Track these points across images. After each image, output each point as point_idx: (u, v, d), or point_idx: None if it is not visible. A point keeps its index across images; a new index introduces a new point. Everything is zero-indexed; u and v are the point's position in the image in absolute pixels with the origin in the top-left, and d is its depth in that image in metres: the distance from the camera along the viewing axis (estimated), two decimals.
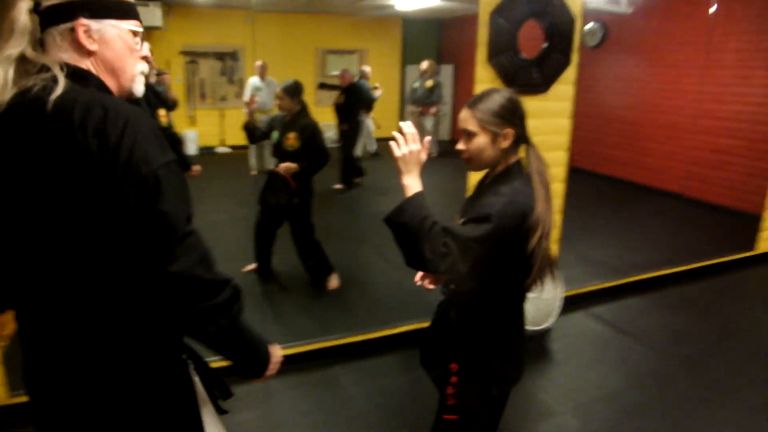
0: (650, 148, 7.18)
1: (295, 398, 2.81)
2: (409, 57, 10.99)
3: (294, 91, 3.71)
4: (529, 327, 3.25)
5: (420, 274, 1.77)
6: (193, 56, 9.66)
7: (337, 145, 7.01)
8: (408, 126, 1.48)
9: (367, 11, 9.83)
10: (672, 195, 6.82)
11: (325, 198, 6.67)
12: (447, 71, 11.06)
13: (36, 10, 1.09)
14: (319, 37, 10.23)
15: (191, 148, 9.39)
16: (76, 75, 1.09)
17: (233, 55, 9.99)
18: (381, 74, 9.77)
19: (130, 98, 1.21)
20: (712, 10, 4.77)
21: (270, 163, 7.04)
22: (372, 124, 8.18)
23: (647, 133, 7.21)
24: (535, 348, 3.35)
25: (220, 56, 9.90)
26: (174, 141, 3.76)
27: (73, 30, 1.09)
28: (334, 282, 4.04)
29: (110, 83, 1.16)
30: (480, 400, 1.66)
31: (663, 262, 4.45)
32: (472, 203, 1.64)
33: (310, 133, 3.70)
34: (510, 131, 1.55)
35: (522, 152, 1.65)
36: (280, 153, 3.76)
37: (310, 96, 10.51)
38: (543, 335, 3.44)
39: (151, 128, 1.07)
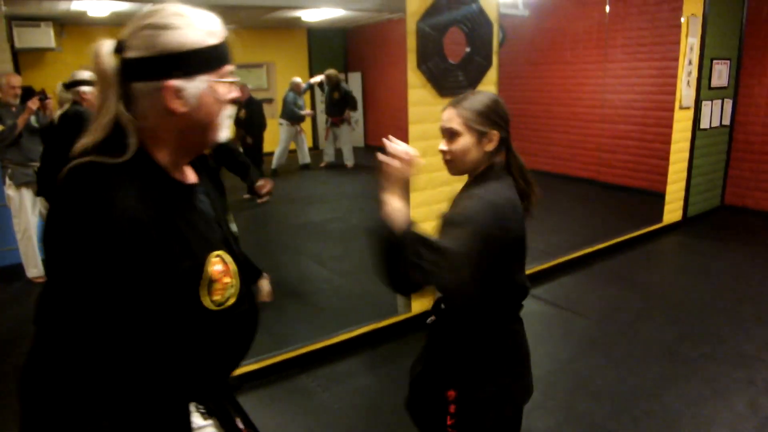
0: (557, 139, 7.72)
1: (272, 412, 2.83)
2: (317, 67, 11.06)
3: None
4: None
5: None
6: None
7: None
8: (394, 141, 1.37)
9: (273, 24, 9.81)
10: (581, 180, 7.37)
11: (254, 211, 6.63)
12: (355, 79, 11.25)
13: (118, 51, 0.96)
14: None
15: None
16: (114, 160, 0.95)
17: None
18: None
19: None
20: (608, 8, 5.26)
21: None
22: (304, 136, 8.26)
23: (553, 124, 7.75)
24: None
25: None
26: None
27: (160, 90, 0.95)
28: (265, 290, 3.98)
29: (196, 139, 1.04)
30: (495, 424, 1.55)
31: (583, 241, 4.83)
32: (453, 206, 1.54)
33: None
34: (495, 133, 1.48)
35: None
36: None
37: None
38: None
39: (95, 242, 0.90)
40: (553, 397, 2.85)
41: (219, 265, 1.05)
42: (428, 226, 3.74)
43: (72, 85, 3.37)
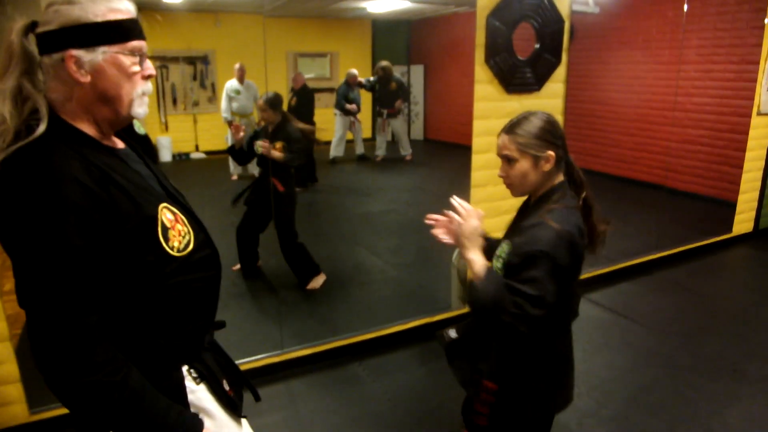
0: (623, 141, 7.47)
1: (319, 398, 2.88)
2: (380, 58, 11.08)
3: (275, 102, 3.85)
4: None
5: (437, 217, 1.75)
6: (163, 61, 9.54)
7: None
8: (460, 202, 1.55)
9: (338, 14, 9.90)
10: (646, 184, 7.11)
11: (310, 202, 6.73)
12: (418, 72, 11.21)
13: (33, 30, 1.04)
14: (289, 41, 10.24)
15: (165, 155, 9.29)
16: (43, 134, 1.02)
17: (204, 59, 9.90)
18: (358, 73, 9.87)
19: (129, 122, 1.19)
20: (686, 7, 5.03)
21: (253, 169, 7.05)
22: (360, 126, 8.30)
23: (620, 126, 7.50)
24: None
25: (190, 60, 9.80)
26: (152, 148, 3.70)
27: (63, 61, 1.02)
28: (317, 282, 4.07)
29: (105, 113, 1.10)
30: (527, 426, 1.64)
31: (646, 248, 4.67)
32: (516, 225, 1.62)
33: (295, 140, 3.84)
34: (551, 153, 1.51)
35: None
36: (267, 162, 3.84)
37: (284, 99, 10.50)
38: None
39: (46, 208, 0.96)
40: (607, 406, 2.78)
41: (168, 214, 1.15)
42: (489, 224, 3.72)
43: None
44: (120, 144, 1.20)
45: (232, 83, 7.41)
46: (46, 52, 1.03)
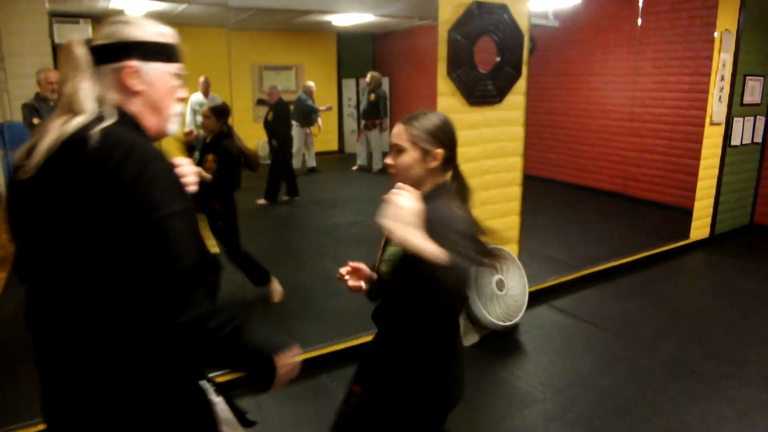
0: (584, 151, 7.67)
1: (288, 410, 2.87)
2: (345, 71, 11.17)
3: (221, 112, 3.67)
4: (500, 323, 3.45)
5: (345, 268, 1.75)
6: None
7: (269, 162, 7.06)
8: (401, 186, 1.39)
9: (303, 27, 9.94)
10: (606, 193, 7.30)
11: (275, 214, 6.70)
12: (383, 83, 11.30)
13: (88, 44, 1.15)
14: (255, 53, 10.22)
15: None
16: (126, 117, 1.15)
17: None
18: (318, 89, 9.88)
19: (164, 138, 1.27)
20: (639, 21, 5.22)
21: None
22: (313, 139, 8.31)
23: (580, 136, 7.70)
24: (508, 342, 3.56)
25: None
26: None
27: (121, 70, 1.14)
28: (276, 291, 3.97)
29: (151, 121, 1.21)
30: (422, 424, 1.61)
31: (607, 255, 4.79)
32: None
33: (228, 157, 3.63)
34: (440, 152, 1.53)
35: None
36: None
37: (248, 112, 10.47)
38: (513, 330, 3.65)
39: (170, 173, 1.11)
40: (572, 410, 2.84)
41: None
42: None
43: None
44: None
45: (197, 96, 7.32)
46: (104, 62, 1.15)
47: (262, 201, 6.96)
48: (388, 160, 1.59)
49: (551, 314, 3.96)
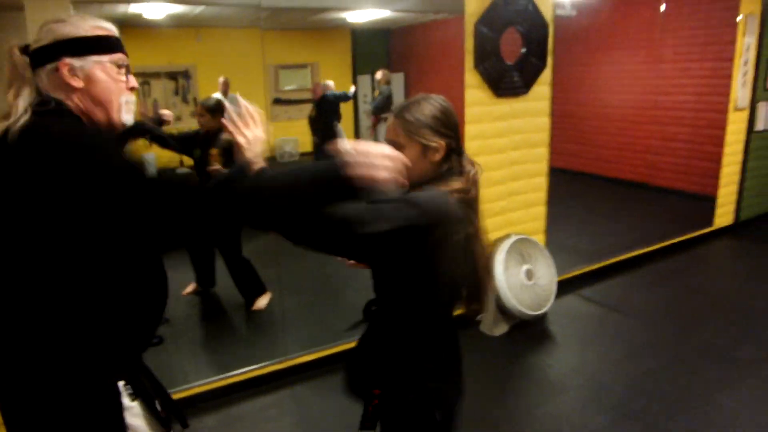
0: (605, 141, 7.65)
1: (326, 400, 2.91)
2: (360, 67, 11.20)
3: (215, 109, 3.72)
4: (530, 312, 3.48)
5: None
6: (144, 77, 9.53)
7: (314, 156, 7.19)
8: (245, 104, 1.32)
9: (318, 25, 9.98)
10: (629, 183, 7.28)
11: None
12: (398, 80, 11.32)
13: (26, 52, 1.19)
14: (269, 53, 10.27)
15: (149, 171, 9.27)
16: (50, 108, 1.15)
17: (185, 74, 9.91)
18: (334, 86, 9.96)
19: (120, 129, 1.28)
20: (662, 7, 5.20)
21: None
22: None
23: (600, 126, 7.68)
24: (537, 331, 3.59)
25: (172, 75, 9.80)
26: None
27: (57, 69, 1.17)
28: (262, 302, 3.91)
29: (99, 115, 1.22)
30: (424, 427, 1.47)
31: (631, 244, 4.78)
32: None
33: (231, 150, 3.68)
34: (442, 143, 1.37)
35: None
36: (203, 170, 3.73)
37: (265, 112, 10.56)
38: (541, 319, 3.68)
39: (104, 160, 1.08)
40: (606, 396, 2.87)
41: None
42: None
43: None
44: None
45: (217, 97, 7.37)
46: (41, 65, 1.18)
47: None
48: None
49: (579, 303, 3.98)
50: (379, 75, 8.61)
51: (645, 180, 7.01)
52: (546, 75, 3.75)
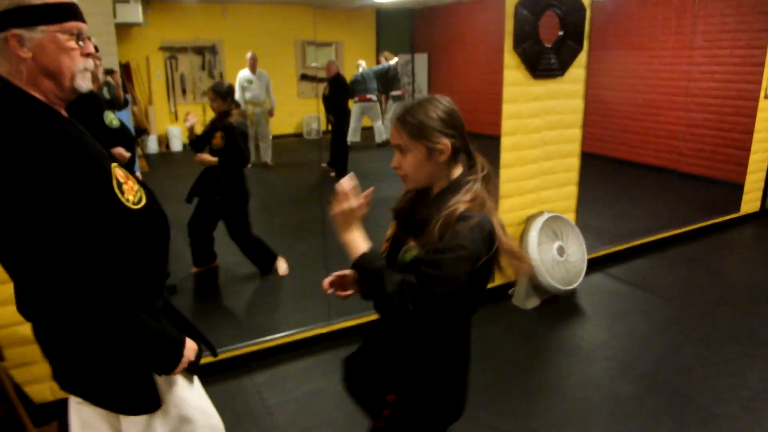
0: (629, 125, 7.68)
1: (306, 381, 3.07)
2: (384, 48, 11.23)
3: (225, 93, 3.78)
4: (561, 287, 3.60)
5: (328, 279, 1.59)
6: (172, 52, 9.65)
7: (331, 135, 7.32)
8: (347, 181, 1.37)
9: (343, 3, 10.02)
10: (653, 168, 7.33)
11: (321, 186, 6.90)
12: (422, 60, 11.36)
13: None
14: (297, 29, 10.34)
15: (176, 145, 9.40)
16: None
17: (212, 49, 10.01)
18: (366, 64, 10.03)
19: (75, 96, 1.29)
20: None
21: (265, 155, 7.16)
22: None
23: (625, 111, 7.71)
24: (567, 306, 3.72)
25: (198, 51, 9.91)
26: (128, 140, 3.33)
27: (6, 40, 1.16)
28: (282, 267, 4.13)
29: (47, 86, 1.22)
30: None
31: (656, 227, 4.88)
32: (414, 220, 1.46)
33: (231, 133, 3.75)
34: (446, 143, 1.36)
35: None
36: (209, 152, 3.85)
37: (292, 88, 10.62)
38: (572, 295, 3.81)
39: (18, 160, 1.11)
40: (635, 368, 3.00)
41: (120, 171, 1.29)
42: (515, 202, 3.89)
43: None
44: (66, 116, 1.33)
45: (245, 73, 7.47)
46: None
47: (327, 167, 7.20)
48: (394, 163, 1.43)
49: (607, 281, 4.10)
50: (384, 56, 8.74)
51: (669, 165, 7.05)
52: (582, 58, 3.83)
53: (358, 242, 1.35)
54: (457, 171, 1.42)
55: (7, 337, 2.46)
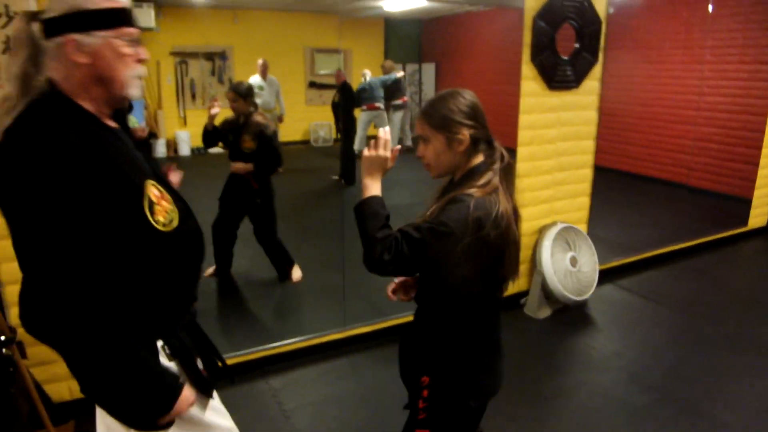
0: (635, 138, 7.73)
1: (382, 369, 3.09)
2: (392, 57, 11.31)
3: (246, 94, 3.78)
4: (574, 297, 3.63)
5: (391, 287, 1.71)
6: (182, 56, 9.73)
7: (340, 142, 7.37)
8: (386, 132, 1.49)
9: (353, 12, 10.09)
10: (658, 181, 7.38)
11: (331, 193, 6.95)
12: (429, 69, 11.44)
13: (35, 19, 1.16)
14: (306, 36, 10.41)
15: (184, 149, 9.46)
16: (45, 96, 1.16)
17: (222, 55, 10.09)
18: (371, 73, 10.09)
19: (125, 104, 1.28)
20: (710, 8, 5.26)
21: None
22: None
23: (631, 123, 7.76)
24: (579, 316, 3.75)
25: (209, 56, 9.99)
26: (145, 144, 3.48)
27: (63, 44, 1.14)
28: (296, 273, 4.17)
29: (98, 92, 1.20)
30: (455, 413, 1.58)
31: (664, 240, 4.91)
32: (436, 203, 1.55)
33: (264, 134, 3.76)
34: (465, 133, 1.46)
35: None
36: (237, 155, 3.84)
37: (300, 95, 10.68)
38: (583, 305, 3.84)
39: (41, 170, 1.07)
40: (647, 377, 3.02)
41: (155, 190, 1.25)
42: (529, 212, 3.92)
43: None
44: (114, 125, 1.30)
45: (255, 79, 7.52)
46: (49, 36, 1.15)
47: (336, 178, 7.23)
48: (418, 153, 1.55)
49: (617, 292, 4.13)
50: (386, 65, 8.79)
51: (675, 179, 7.10)
52: (596, 70, 3.88)
53: (375, 187, 1.48)
54: (477, 160, 1.51)
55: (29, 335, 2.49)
